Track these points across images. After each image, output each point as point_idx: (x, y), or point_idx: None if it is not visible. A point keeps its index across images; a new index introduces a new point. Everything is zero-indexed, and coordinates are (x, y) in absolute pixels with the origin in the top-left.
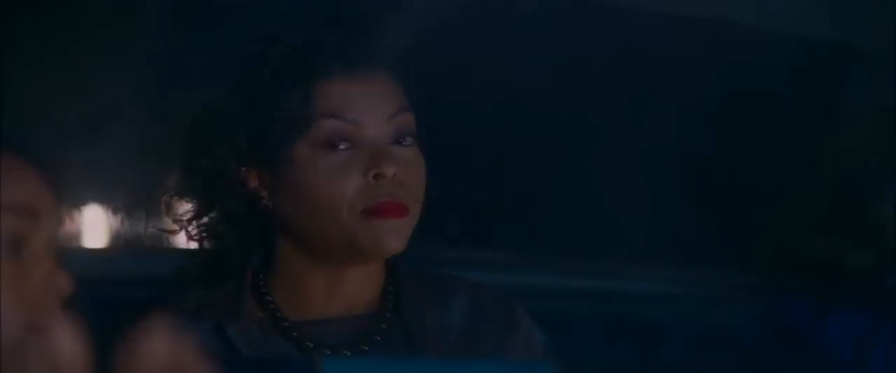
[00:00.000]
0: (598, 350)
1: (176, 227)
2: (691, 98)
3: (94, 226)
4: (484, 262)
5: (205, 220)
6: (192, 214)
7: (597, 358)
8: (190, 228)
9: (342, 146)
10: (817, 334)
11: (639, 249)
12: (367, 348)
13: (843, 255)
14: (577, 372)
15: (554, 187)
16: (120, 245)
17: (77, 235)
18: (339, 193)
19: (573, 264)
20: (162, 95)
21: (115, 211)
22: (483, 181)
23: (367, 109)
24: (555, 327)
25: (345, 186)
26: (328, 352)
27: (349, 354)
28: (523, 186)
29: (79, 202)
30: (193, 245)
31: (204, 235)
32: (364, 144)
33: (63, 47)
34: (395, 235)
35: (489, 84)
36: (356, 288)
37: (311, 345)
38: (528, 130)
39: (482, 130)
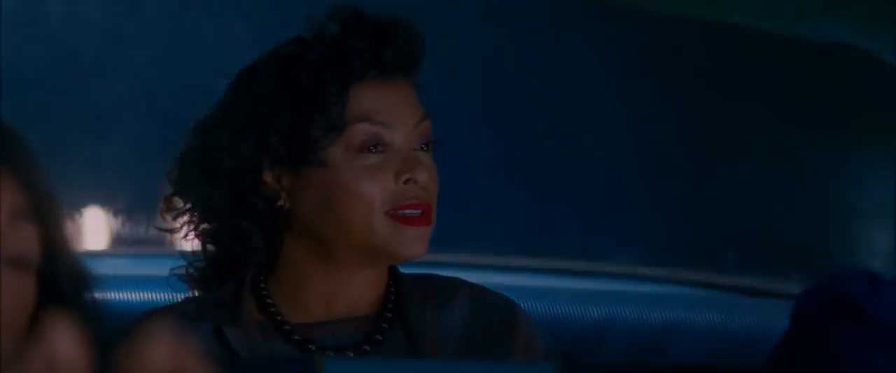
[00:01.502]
0: (598, 352)
1: (177, 226)
2: (695, 99)
3: (95, 227)
4: (484, 263)
5: (215, 221)
6: (200, 214)
7: (597, 359)
8: (197, 229)
9: (374, 150)
10: (872, 304)
11: (642, 250)
12: (369, 348)
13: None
14: None
15: (554, 188)
16: (120, 247)
17: (77, 237)
18: (370, 197)
19: (576, 266)
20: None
21: (115, 213)
22: (483, 182)
23: (398, 114)
24: (555, 327)
25: (376, 190)
26: (330, 354)
27: (352, 354)
28: (522, 187)
29: (79, 204)
30: (193, 247)
31: (210, 236)
32: (394, 148)
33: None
34: (420, 242)
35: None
36: (359, 291)
37: (313, 347)
38: (529, 130)
39: (481, 130)
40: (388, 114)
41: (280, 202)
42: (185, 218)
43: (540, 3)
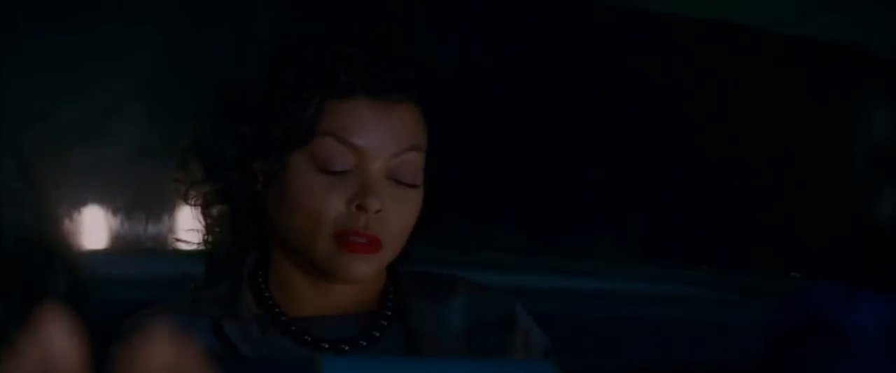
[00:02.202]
0: (598, 351)
1: (182, 185)
2: (693, 98)
3: (94, 227)
4: (484, 262)
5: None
6: (193, 181)
7: (597, 358)
8: (192, 195)
9: (338, 168)
10: (846, 319)
11: (641, 250)
12: (365, 344)
13: (864, 254)
14: (577, 372)
15: (555, 189)
16: (119, 246)
17: (77, 237)
18: (318, 216)
19: (574, 266)
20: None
21: (114, 212)
22: (486, 182)
23: (375, 139)
24: (555, 326)
25: (326, 210)
26: (326, 346)
27: (348, 348)
28: (525, 187)
29: (78, 203)
30: (191, 248)
31: (205, 203)
32: (359, 171)
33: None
34: (362, 265)
35: (494, 85)
36: (351, 292)
37: (310, 339)
38: (531, 130)
39: (486, 131)
40: (363, 136)
41: (258, 187)
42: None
43: (539, 2)
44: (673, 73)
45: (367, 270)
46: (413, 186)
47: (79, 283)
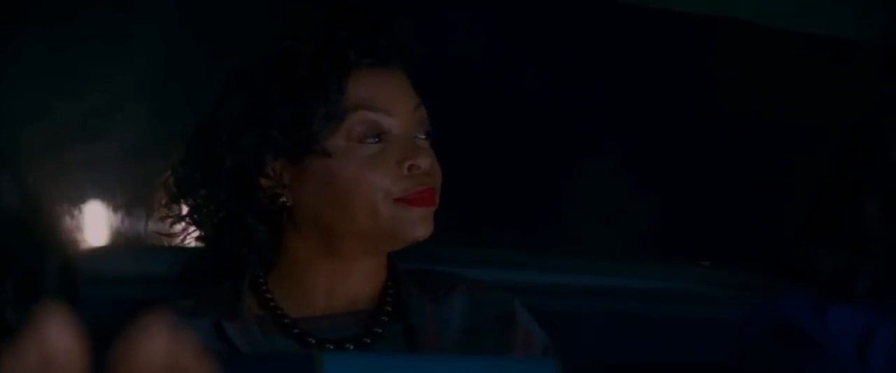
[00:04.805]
0: (597, 348)
1: (177, 230)
2: (689, 97)
3: (95, 224)
4: (483, 260)
5: (219, 221)
6: (205, 215)
7: (596, 355)
8: (201, 230)
9: (373, 139)
10: (817, 328)
11: (638, 247)
12: (369, 341)
13: (817, 257)
14: (576, 369)
15: (553, 187)
16: (120, 243)
17: (78, 234)
18: (374, 183)
19: (573, 263)
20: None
21: (115, 209)
22: (484, 180)
23: (395, 101)
24: (554, 324)
25: (380, 177)
26: (330, 347)
27: (352, 347)
28: (523, 186)
29: (79, 201)
30: (194, 244)
31: (214, 236)
32: (394, 135)
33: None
34: (426, 223)
35: (491, 83)
36: (359, 283)
37: (314, 341)
38: (529, 129)
39: (483, 129)
40: (385, 101)
41: (282, 199)
42: (185, 221)
43: (538, 0)
44: (671, 70)
45: (429, 229)
46: (428, 140)
47: (72, 276)
